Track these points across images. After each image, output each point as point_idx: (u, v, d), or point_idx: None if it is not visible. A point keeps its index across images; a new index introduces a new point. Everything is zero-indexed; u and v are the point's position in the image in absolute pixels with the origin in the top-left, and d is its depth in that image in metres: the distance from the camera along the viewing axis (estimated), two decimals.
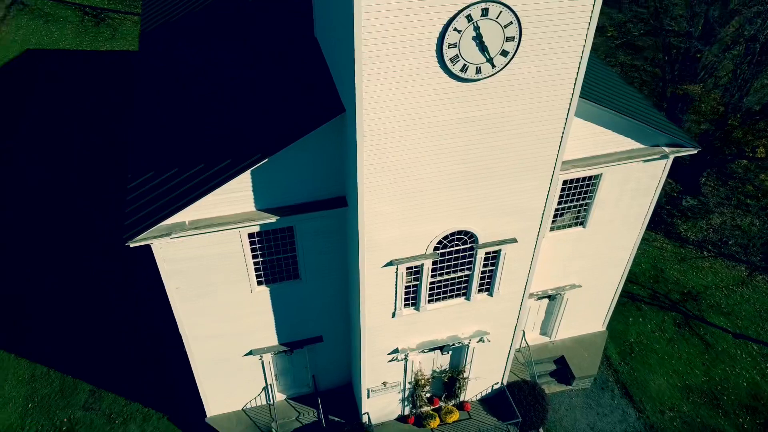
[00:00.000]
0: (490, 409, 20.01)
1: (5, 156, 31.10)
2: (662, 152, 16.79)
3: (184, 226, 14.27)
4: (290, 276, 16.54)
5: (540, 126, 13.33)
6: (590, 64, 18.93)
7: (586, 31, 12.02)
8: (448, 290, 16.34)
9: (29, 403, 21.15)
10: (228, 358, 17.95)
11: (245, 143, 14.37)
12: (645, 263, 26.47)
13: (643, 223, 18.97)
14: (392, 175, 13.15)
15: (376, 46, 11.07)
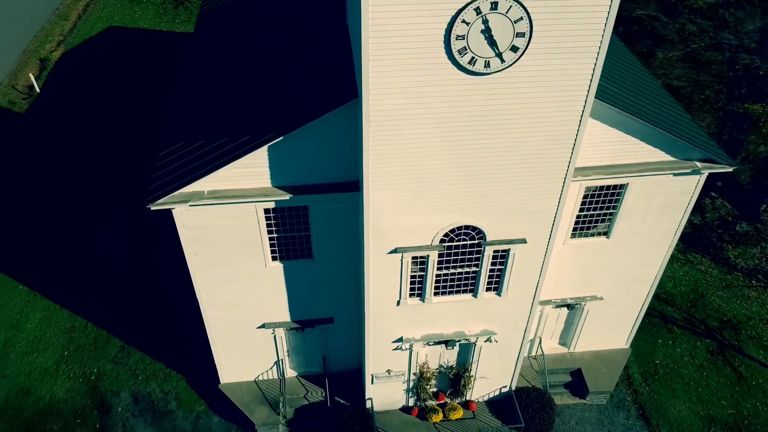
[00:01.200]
0: (496, 411, 19.86)
1: (86, 118, 33.33)
2: (693, 167, 16.16)
3: (203, 195, 14.99)
4: (304, 255, 17.03)
5: (552, 127, 13.18)
6: (627, 68, 18.46)
7: (602, 31, 11.81)
8: (455, 285, 16.37)
9: (65, 351, 22.70)
10: (242, 329, 18.66)
11: (267, 121, 14.94)
12: (685, 285, 25.40)
13: (672, 240, 18.30)
14: (398, 163, 13.35)
15: (383, 30, 11.31)
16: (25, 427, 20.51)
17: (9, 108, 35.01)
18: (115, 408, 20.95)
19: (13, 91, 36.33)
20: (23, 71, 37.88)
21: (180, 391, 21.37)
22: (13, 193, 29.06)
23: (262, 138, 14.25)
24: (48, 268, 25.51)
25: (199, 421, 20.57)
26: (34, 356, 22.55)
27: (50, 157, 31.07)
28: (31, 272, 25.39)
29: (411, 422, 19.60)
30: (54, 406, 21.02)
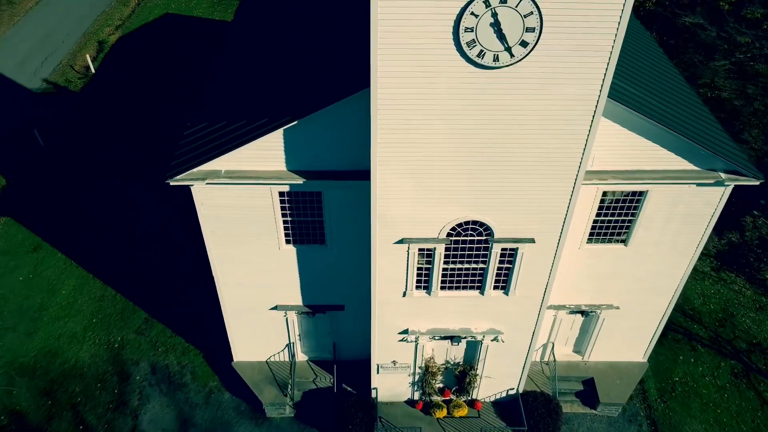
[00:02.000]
0: (501, 412, 19.72)
1: (135, 99, 34.71)
2: (717, 178, 15.66)
3: (220, 173, 15.48)
4: (317, 240, 17.34)
5: (563, 126, 13.05)
6: (656, 71, 18.03)
7: (615, 30, 11.63)
8: (462, 280, 16.37)
9: (94, 318, 23.76)
10: (255, 309, 19.13)
11: (283, 106, 15.30)
12: (714, 304, 24.55)
13: (694, 252, 17.76)
14: (405, 152, 13.47)
15: (391, 18, 11.45)
16: (50, 386, 21.58)
17: (65, 86, 36.76)
18: (133, 376, 21.80)
19: (70, 70, 38.13)
20: (81, 52, 39.69)
21: (196, 365, 22.07)
22: (61, 165, 30.53)
23: (278, 122, 14.60)
24: (85, 238, 26.71)
25: (211, 396, 21.19)
26: (65, 321, 23.68)
27: (97, 134, 32.48)
28: (69, 242, 26.65)
29: (415, 415, 19.67)
30: (78, 370, 22.04)
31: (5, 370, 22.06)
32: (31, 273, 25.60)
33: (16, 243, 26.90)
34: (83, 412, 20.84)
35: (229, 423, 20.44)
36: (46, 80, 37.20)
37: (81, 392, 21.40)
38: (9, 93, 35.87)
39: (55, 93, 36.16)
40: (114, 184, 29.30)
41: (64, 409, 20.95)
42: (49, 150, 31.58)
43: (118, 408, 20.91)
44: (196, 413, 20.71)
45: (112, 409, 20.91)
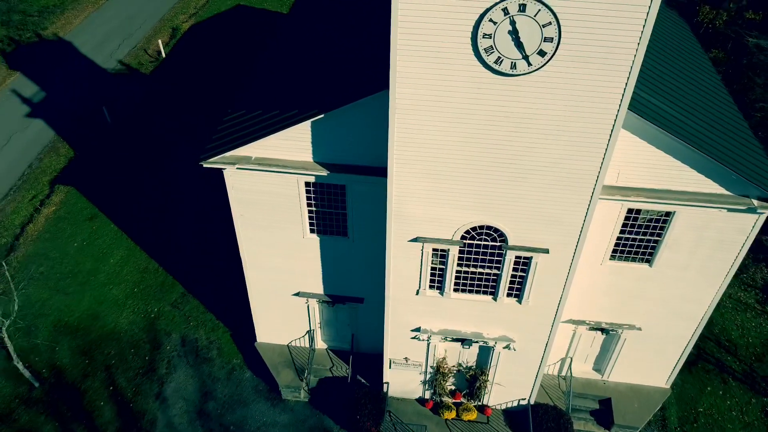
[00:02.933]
0: (511, 422, 19.66)
1: (200, 83, 36.39)
2: (749, 204, 15.13)
3: (250, 159, 16.22)
4: (339, 232, 17.85)
5: (580, 138, 13.00)
6: (698, 88, 17.52)
7: (636, 45, 11.54)
8: (475, 284, 16.48)
9: (136, 288, 25.17)
10: (278, 293, 19.84)
11: (314, 99, 15.86)
12: (754, 338, 23.51)
13: (724, 279, 17.18)
14: (422, 153, 13.75)
15: (411, 21, 11.78)
16: (89, 346, 23.06)
17: (137, 68, 38.86)
18: (164, 346, 23.00)
19: (143, 54, 40.25)
20: (155, 37, 41.81)
21: (223, 342, 23.04)
22: (124, 142, 32.38)
23: (305, 114, 15.18)
24: (137, 212, 28.28)
25: (233, 373, 22.09)
26: (110, 288, 25.20)
27: (161, 115, 34.22)
28: (123, 214, 28.29)
29: (424, 414, 19.89)
30: (115, 334, 23.44)
31: (52, 328, 23.72)
32: (85, 240, 27.34)
33: (75, 211, 28.77)
34: (115, 374, 22.17)
35: (246, 400, 21.27)
36: (121, 61, 39.42)
37: (115, 355, 22.76)
38: (86, 71, 38.26)
39: (127, 74, 38.30)
40: (171, 165, 30.81)
41: (99, 369, 22.35)
42: (116, 127, 33.52)
43: (147, 374, 22.13)
44: (217, 387, 21.66)
45: (141, 374, 22.15)
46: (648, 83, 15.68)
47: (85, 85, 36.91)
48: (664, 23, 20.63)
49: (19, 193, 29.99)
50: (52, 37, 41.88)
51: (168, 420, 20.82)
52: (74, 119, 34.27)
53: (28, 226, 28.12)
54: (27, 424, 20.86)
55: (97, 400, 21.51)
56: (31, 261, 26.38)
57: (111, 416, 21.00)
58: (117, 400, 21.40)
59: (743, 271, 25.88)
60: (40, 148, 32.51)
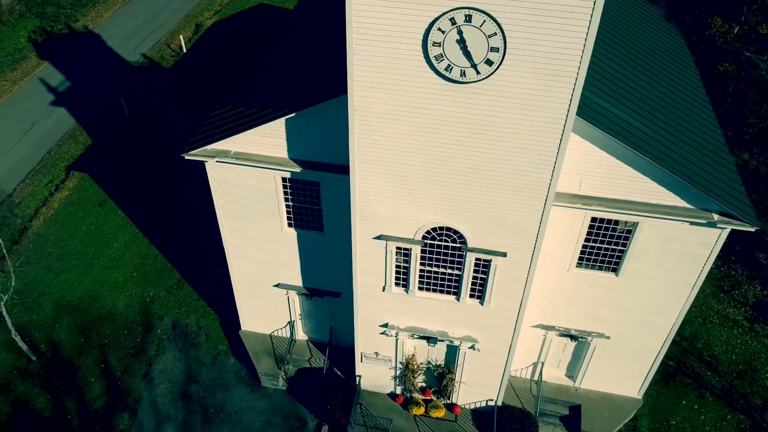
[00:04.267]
0: (478, 421, 20.04)
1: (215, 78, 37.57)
2: (710, 219, 15.26)
3: (229, 153, 17.00)
4: (315, 227, 18.51)
5: (531, 144, 13.38)
6: (680, 98, 17.64)
7: (580, 56, 11.88)
8: (439, 284, 16.94)
9: (135, 273, 26.30)
10: (260, 284, 20.61)
11: (294, 98, 16.54)
12: (738, 354, 23.34)
13: (691, 292, 17.28)
14: (382, 154, 14.30)
15: (365, 28, 12.35)
16: (86, 325, 24.25)
17: (159, 62, 40.25)
18: (156, 329, 24.02)
19: (166, 48, 41.64)
20: (179, 33, 43.19)
21: (211, 329, 23.95)
22: (139, 132, 33.68)
23: (280, 112, 15.87)
24: (144, 200, 29.46)
25: (218, 358, 22.98)
26: (111, 271, 26.39)
27: (177, 107, 35.44)
28: (130, 201, 29.50)
29: (394, 408, 20.41)
30: (111, 315, 24.57)
31: (54, 306, 24.99)
32: (93, 225, 28.63)
33: (86, 197, 30.12)
34: (108, 353, 23.28)
35: (228, 385, 22.11)
36: (144, 55, 40.87)
37: (110, 335, 23.88)
38: (110, 63, 39.80)
39: (149, 67, 39.70)
40: (181, 158, 31.92)
41: (93, 348, 23.49)
42: (132, 118, 34.86)
43: (137, 354, 23.17)
44: (202, 371, 22.56)
45: (132, 354, 23.21)
46: (615, 94, 15.91)
47: (108, 77, 38.43)
48: (648, 34, 20.73)
49: (37, 177, 31.50)
50: (81, 30, 43.63)
51: (152, 399, 21.80)
52: (94, 109, 35.76)
53: (41, 209, 29.57)
54: (22, 395, 22.10)
55: (89, 376, 22.64)
56: (41, 242, 27.77)
57: (100, 392, 22.09)
58: (107, 378, 22.49)
59: (735, 288, 25.67)
60: (60, 135, 34.04)
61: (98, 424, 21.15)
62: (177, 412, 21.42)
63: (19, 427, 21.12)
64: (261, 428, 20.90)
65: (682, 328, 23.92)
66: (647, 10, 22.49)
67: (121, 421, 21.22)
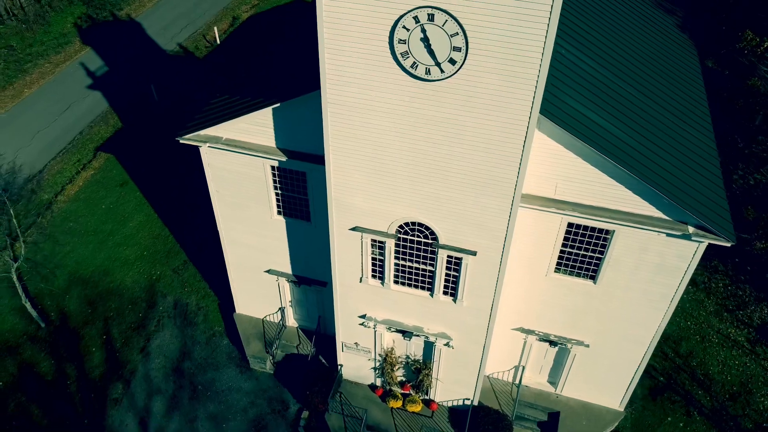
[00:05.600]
0: (453, 419, 20.20)
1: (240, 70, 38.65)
2: (684, 231, 15.08)
3: (220, 140, 17.70)
4: (302, 216, 19.04)
5: (496, 145, 13.55)
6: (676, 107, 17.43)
7: (540, 58, 12.01)
8: (414, 279, 17.22)
9: (146, 252, 27.43)
10: (252, 269, 21.29)
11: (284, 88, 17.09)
12: (734, 375, 22.75)
13: (669, 305, 17.07)
14: (355, 147, 14.69)
15: (335, 23, 12.77)
16: (94, 298, 25.46)
17: (192, 52, 41.62)
18: (158, 306, 25.04)
19: (201, 39, 43.01)
20: (215, 25, 44.52)
21: (210, 310, 24.81)
22: (166, 118, 34.98)
23: (267, 101, 16.45)
24: (162, 183, 30.64)
25: (213, 338, 23.80)
26: (124, 248, 27.60)
27: (204, 97, 36.63)
28: (149, 184, 30.74)
29: (372, 399, 20.77)
30: (119, 290, 25.73)
31: (67, 277, 26.33)
32: (112, 204, 29.96)
33: (110, 177, 31.51)
34: (111, 325, 24.41)
35: (219, 365, 22.89)
36: (180, 44, 42.33)
37: (115, 309, 25.01)
38: (148, 51, 41.39)
39: (183, 56, 41.11)
40: None
41: (98, 319, 24.67)
42: (161, 104, 36.22)
43: (138, 329, 24.22)
44: (196, 349, 23.42)
45: (132, 328, 24.27)
46: (598, 100, 15.84)
47: (144, 64, 39.98)
48: (651, 43, 20.46)
49: (67, 156, 33.12)
50: (124, 18, 45.46)
51: (146, 372, 22.77)
52: (127, 94, 37.29)
53: (67, 186, 31.10)
54: (29, 359, 23.41)
55: (92, 346, 23.79)
56: (63, 216, 29.25)
57: (99, 361, 23.20)
58: (107, 349, 23.60)
59: (741, 308, 25.00)
60: (93, 118, 35.66)
61: (94, 391, 22.24)
62: (168, 386, 22.32)
63: (23, 388, 22.40)
64: (245, 408, 21.59)
65: (677, 345, 23.51)
66: (656, 19, 22.17)
67: (115, 390, 22.25)
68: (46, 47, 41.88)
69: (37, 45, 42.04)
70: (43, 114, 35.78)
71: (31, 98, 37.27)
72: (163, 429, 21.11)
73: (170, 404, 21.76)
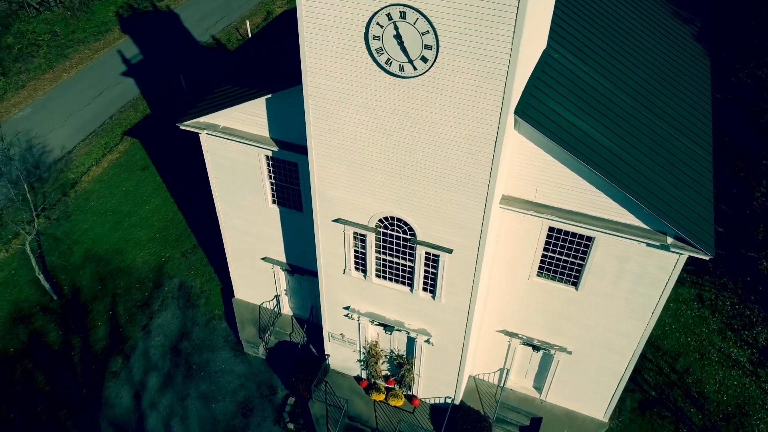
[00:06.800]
0: (434, 416, 20.34)
1: None
2: (663, 241, 14.89)
3: (217, 127, 18.31)
4: (296, 206, 19.50)
5: (470, 144, 13.67)
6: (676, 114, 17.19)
7: (508, 59, 12.10)
8: (394, 273, 17.46)
9: (158, 234, 28.41)
10: (249, 255, 21.88)
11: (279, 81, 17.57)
12: (730, 396, 22.18)
13: (651, 316, 16.84)
14: (337, 140, 15.03)
15: (314, 19, 13.15)
16: (105, 275, 26.54)
17: (225, 44, 42.73)
18: (164, 287, 25.93)
19: (234, 32, 44.09)
20: (248, 19, 45.56)
21: (212, 294, 25.56)
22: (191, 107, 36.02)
23: (260, 92, 16.95)
24: (181, 169, 31.64)
25: (212, 321, 24.52)
26: (138, 230, 28.65)
27: None
28: (169, 169, 31.78)
29: (356, 391, 21.08)
30: (128, 269, 26.74)
31: (83, 254, 27.51)
32: (132, 187, 31.11)
33: (133, 161, 32.72)
34: (118, 302, 25.41)
35: (215, 347, 23.59)
36: (213, 36, 43.51)
37: (123, 287, 26.03)
38: (182, 41, 42.69)
39: (215, 48, 42.25)
40: None
41: (107, 296, 25.71)
42: (188, 93, 37.34)
43: (142, 307, 25.15)
44: (194, 331, 24.18)
45: (138, 306, 25.21)
46: (586, 105, 15.75)
47: (177, 54, 41.25)
48: (656, 51, 20.14)
49: (95, 139, 34.51)
50: (164, 9, 46.97)
51: (146, 349, 23.64)
52: (158, 82, 38.58)
53: (93, 167, 32.42)
54: (39, 328, 24.60)
55: (98, 320, 24.83)
56: (86, 196, 30.53)
57: (103, 335, 24.20)
58: (112, 324, 24.59)
59: (746, 328, 24.33)
60: (123, 103, 37.04)
61: (95, 363, 23.22)
62: (164, 363, 23.12)
63: (30, 356, 23.56)
64: (234, 390, 22.21)
65: (674, 360, 23.07)
66: (669, 28, 21.79)
67: (114, 363, 23.19)
68: (87, 34, 43.65)
69: (79, 32, 43.86)
70: (78, 97, 37.36)
71: (68, 82, 38.95)
72: (155, 404, 21.90)
73: (164, 381, 22.55)
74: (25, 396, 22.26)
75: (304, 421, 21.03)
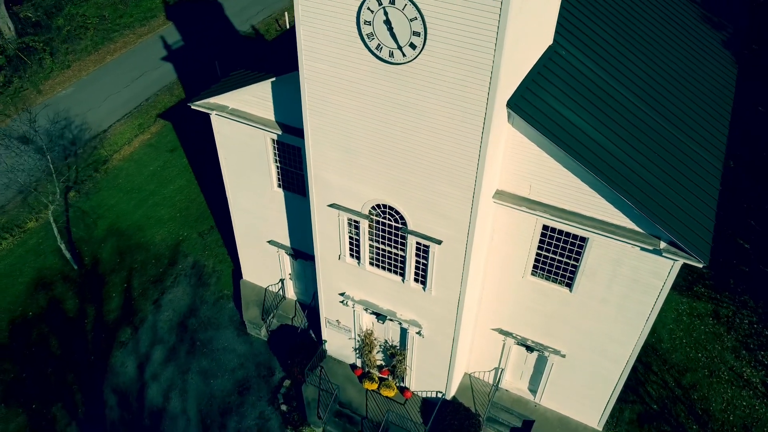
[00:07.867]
0: (424, 410, 20.30)
1: None
2: (656, 246, 14.50)
3: (227, 108, 18.75)
4: (299, 191, 19.78)
5: (457, 134, 13.63)
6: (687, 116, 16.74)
7: (493, 48, 12.02)
8: (387, 262, 17.51)
9: (179, 214, 29.21)
10: (256, 238, 22.30)
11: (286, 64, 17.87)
12: (737, 417, 21.35)
13: (645, 324, 16.41)
14: (331, 125, 15.20)
15: (309, 4, 13.34)
16: (125, 249, 27.46)
17: (263, 35, 43.53)
18: (178, 265, 26.65)
19: (273, 23, 44.85)
20: (288, 11, 46.24)
21: (223, 274, 26.13)
22: None
23: (266, 75, 17.28)
24: (208, 152, 32.43)
25: (220, 300, 25.07)
26: (160, 209, 29.52)
27: None
28: (195, 151, 32.61)
29: (350, 378, 21.22)
30: (147, 245, 27.60)
31: (107, 228, 28.54)
32: (159, 167, 32.07)
33: (163, 142, 33.71)
34: (133, 276, 26.26)
35: (220, 325, 24.12)
36: (253, 26, 44.36)
37: (140, 261, 26.88)
38: (222, 30, 43.71)
39: (253, 38, 43.08)
40: None
41: (124, 269, 26.60)
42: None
43: (155, 282, 25.92)
44: (202, 309, 24.78)
45: (151, 281, 26.00)
46: (588, 104, 15.47)
47: (216, 42, 42.26)
48: (682, 55, 19.56)
49: (130, 119, 35.70)
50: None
51: (154, 322, 24.36)
52: (195, 68, 39.62)
53: (125, 146, 33.57)
54: (59, 295, 25.65)
55: (112, 292, 25.72)
56: (116, 173, 31.64)
57: (116, 306, 25.05)
58: (125, 296, 25.43)
59: (763, 348, 23.37)
60: (160, 87, 38.18)
61: (106, 332, 24.08)
62: (170, 337, 23.78)
63: (47, 320, 24.60)
64: (234, 369, 22.67)
65: (681, 375, 22.36)
66: (695, 33, 21.14)
67: (123, 333, 23.99)
68: (133, 19, 45.15)
69: (126, 17, 45.40)
70: (118, 79, 38.71)
71: (111, 64, 40.39)
72: (157, 376, 22.56)
73: (168, 355, 23.20)
74: (38, 358, 23.26)
75: (297, 404, 21.30)
